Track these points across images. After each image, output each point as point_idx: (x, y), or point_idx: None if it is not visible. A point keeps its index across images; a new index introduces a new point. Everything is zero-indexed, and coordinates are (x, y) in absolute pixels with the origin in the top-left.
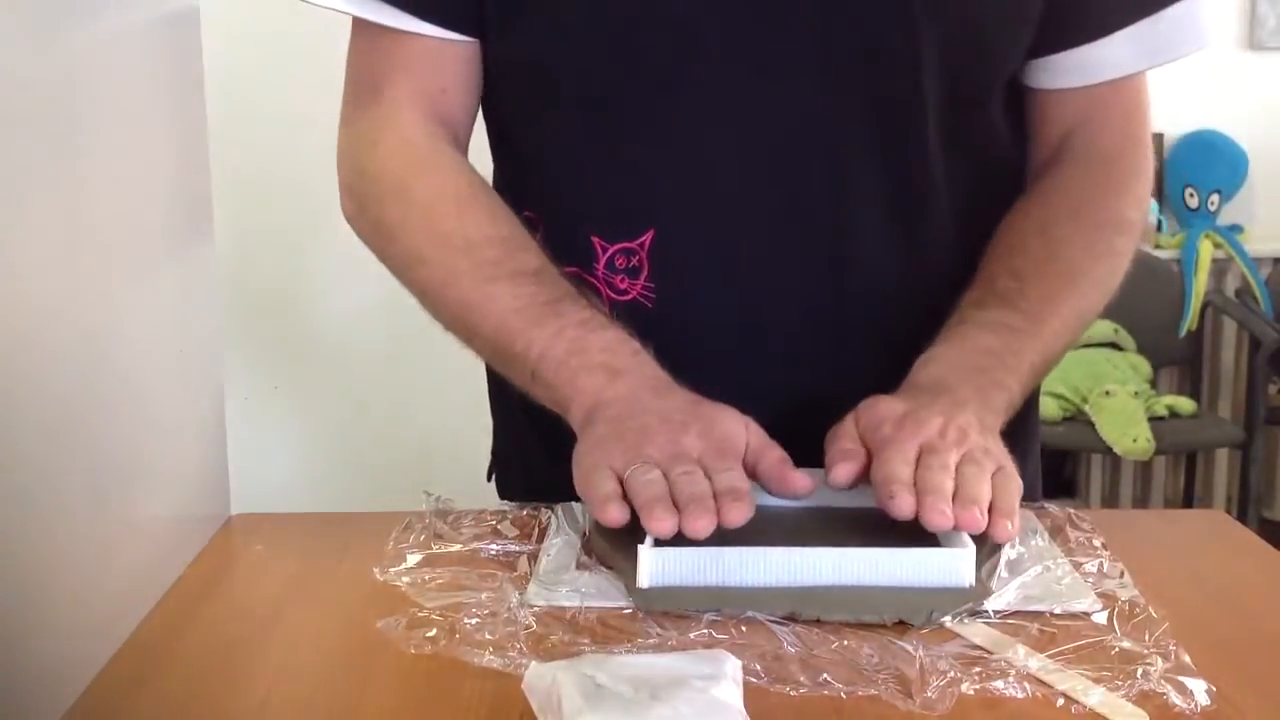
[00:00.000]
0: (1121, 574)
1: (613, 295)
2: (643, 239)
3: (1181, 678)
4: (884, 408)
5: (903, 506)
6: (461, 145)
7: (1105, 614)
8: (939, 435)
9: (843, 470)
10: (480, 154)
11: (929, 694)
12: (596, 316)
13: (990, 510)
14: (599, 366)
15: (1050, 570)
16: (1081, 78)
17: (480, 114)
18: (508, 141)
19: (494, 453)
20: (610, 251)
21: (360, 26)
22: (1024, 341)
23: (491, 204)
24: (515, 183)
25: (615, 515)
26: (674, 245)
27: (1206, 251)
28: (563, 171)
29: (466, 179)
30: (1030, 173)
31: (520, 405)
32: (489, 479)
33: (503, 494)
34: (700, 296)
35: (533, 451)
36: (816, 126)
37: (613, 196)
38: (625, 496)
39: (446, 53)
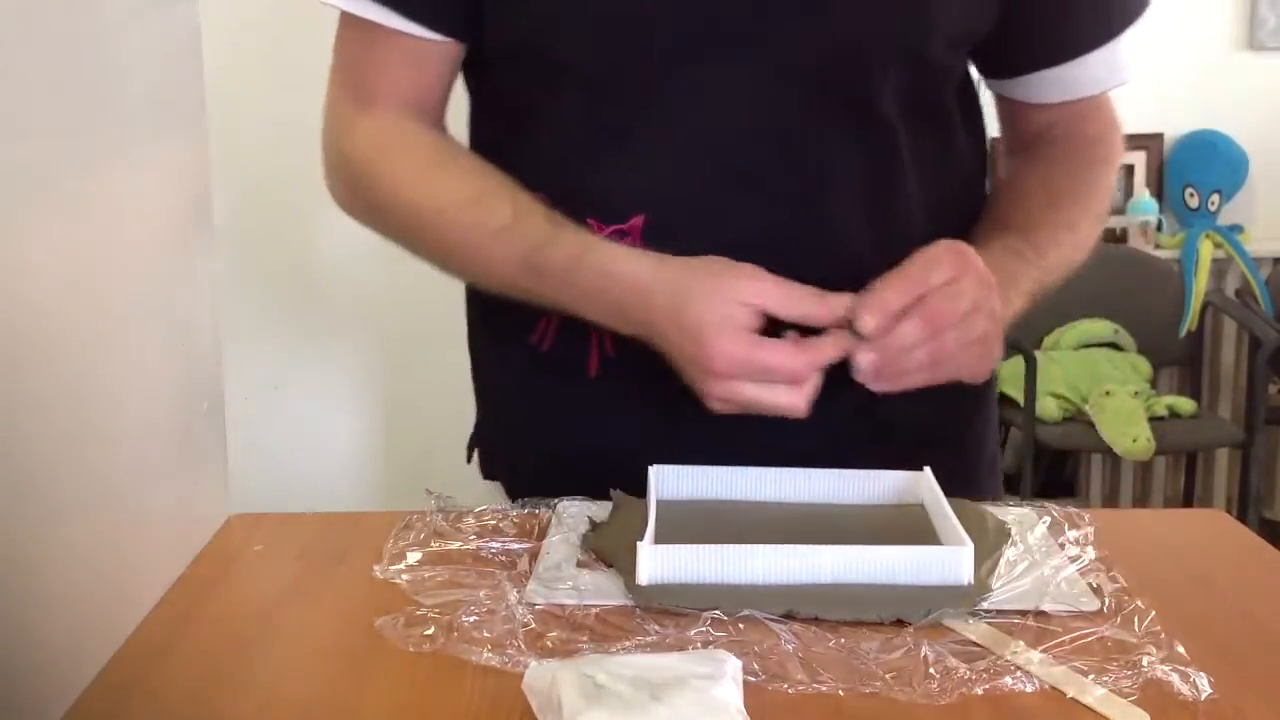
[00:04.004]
0: (1114, 571)
1: None
2: (634, 222)
3: (1182, 669)
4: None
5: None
6: (438, 123)
7: (1102, 609)
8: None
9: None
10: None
11: (930, 689)
12: (571, 257)
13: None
14: (606, 313)
15: (1047, 567)
16: (1062, 93)
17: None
18: (504, 124)
19: (477, 432)
20: (605, 232)
21: (347, 17)
22: (1031, 266)
23: (460, 165)
24: (510, 165)
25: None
26: (664, 229)
27: (1206, 251)
28: (560, 154)
29: (430, 149)
30: (1009, 146)
31: (498, 376)
32: (469, 460)
33: (486, 474)
34: None
35: (517, 429)
36: (801, 122)
37: (606, 182)
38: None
39: (428, 51)
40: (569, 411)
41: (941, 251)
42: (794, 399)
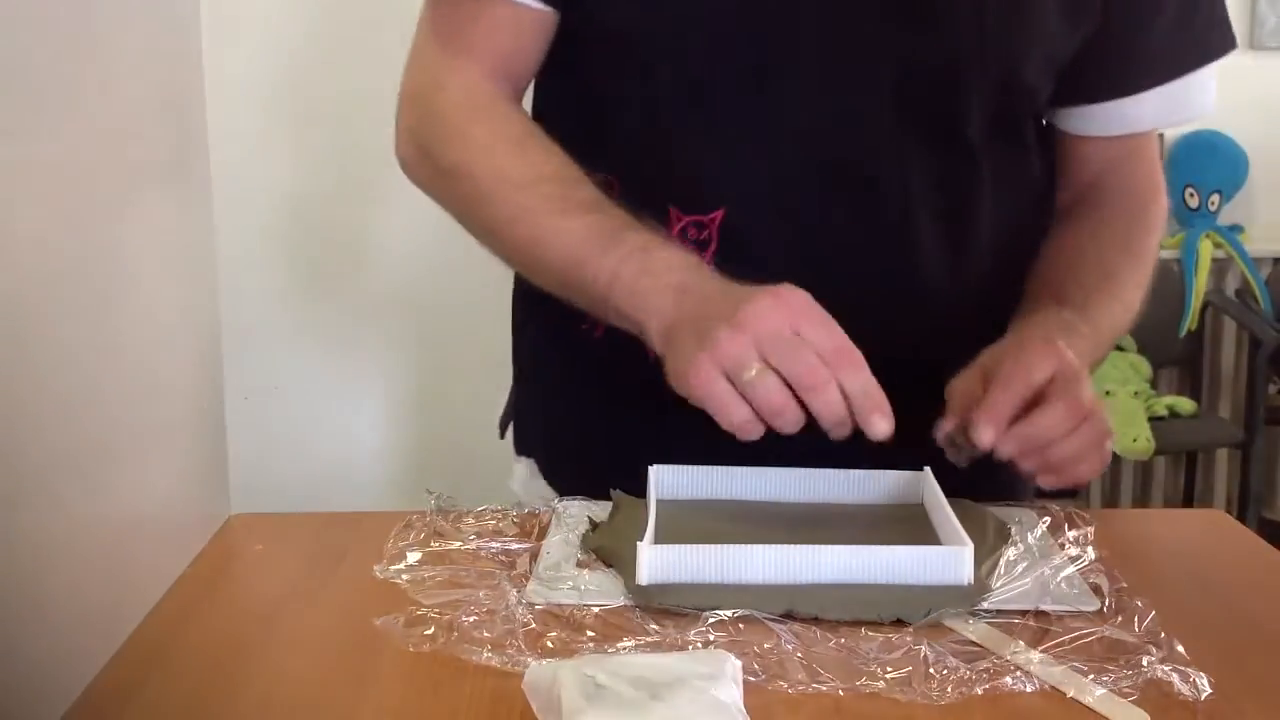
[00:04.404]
0: (1114, 571)
1: None
2: (714, 215)
3: (1182, 668)
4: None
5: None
6: (519, 100)
7: (1102, 609)
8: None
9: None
10: None
11: (930, 689)
12: (655, 239)
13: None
14: (667, 287)
15: (1047, 567)
16: (1119, 127)
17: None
18: (594, 104)
19: (514, 406)
20: (684, 222)
21: None
22: (1086, 340)
23: (545, 144)
24: (596, 143)
25: (742, 417)
26: (742, 225)
27: (1206, 251)
28: (647, 140)
29: (521, 122)
30: (1061, 203)
31: (546, 360)
32: (502, 435)
33: (520, 449)
34: (764, 276)
35: (556, 407)
36: (890, 135)
37: (692, 172)
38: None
39: (527, 21)
40: (615, 398)
41: (1036, 350)
42: (816, 374)
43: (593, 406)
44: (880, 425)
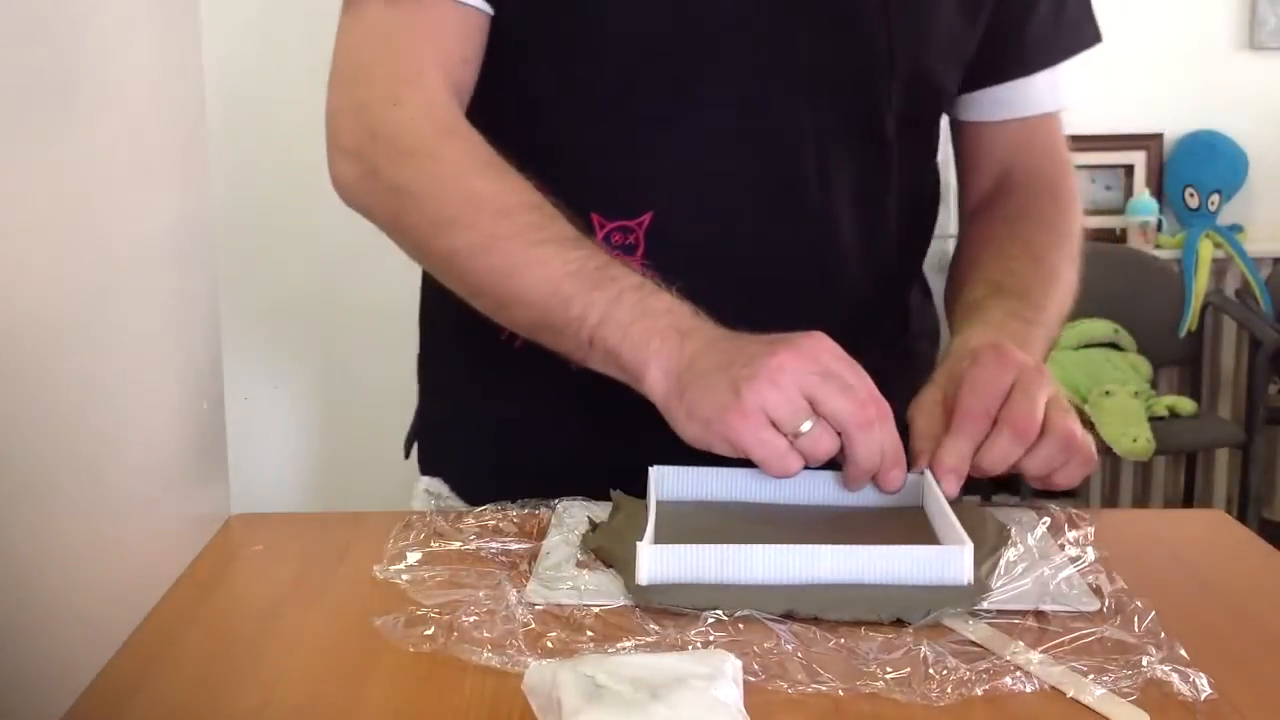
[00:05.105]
0: (1114, 571)
1: None
2: (641, 219)
3: (1182, 669)
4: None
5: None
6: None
7: (1102, 609)
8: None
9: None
10: None
11: (930, 689)
12: (648, 281)
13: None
14: (669, 329)
15: (1047, 567)
16: (1008, 111)
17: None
18: (511, 111)
19: (420, 427)
20: (608, 228)
21: None
22: (1037, 326)
23: (515, 172)
24: (513, 151)
25: (797, 469)
26: (671, 227)
27: (1206, 251)
28: (570, 148)
29: (488, 146)
30: (974, 198)
31: (461, 376)
32: (406, 455)
33: (425, 469)
34: (693, 277)
35: (466, 428)
36: (808, 134)
37: (617, 177)
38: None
39: (474, 22)
40: (538, 411)
41: (987, 364)
42: (867, 412)
43: (516, 421)
44: (899, 479)
